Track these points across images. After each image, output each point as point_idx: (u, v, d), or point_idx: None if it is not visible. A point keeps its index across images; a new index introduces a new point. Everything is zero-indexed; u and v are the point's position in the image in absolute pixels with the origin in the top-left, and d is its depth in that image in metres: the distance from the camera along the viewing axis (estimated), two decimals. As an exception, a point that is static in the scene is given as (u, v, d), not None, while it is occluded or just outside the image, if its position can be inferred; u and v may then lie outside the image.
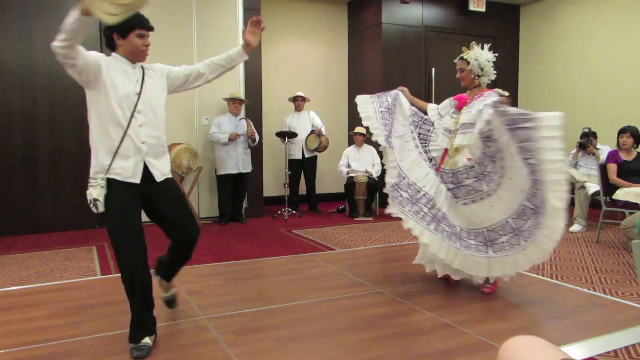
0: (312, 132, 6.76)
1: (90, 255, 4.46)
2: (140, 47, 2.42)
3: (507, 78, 7.83)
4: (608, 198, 4.95)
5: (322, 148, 6.81)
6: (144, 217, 2.45)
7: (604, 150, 5.55)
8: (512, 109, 3.03)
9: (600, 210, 4.99)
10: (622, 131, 5.12)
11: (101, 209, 2.32)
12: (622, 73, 6.64)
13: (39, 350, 2.47)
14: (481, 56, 3.35)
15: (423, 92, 7.39)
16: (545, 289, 3.47)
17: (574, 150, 5.79)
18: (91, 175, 2.37)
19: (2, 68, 5.33)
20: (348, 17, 7.97)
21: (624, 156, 5.05)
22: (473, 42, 3.46)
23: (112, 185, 2.35)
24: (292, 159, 6.85)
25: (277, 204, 7.01)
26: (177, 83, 2.62)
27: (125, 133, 2.36)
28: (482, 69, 3.35)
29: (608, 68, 6.81)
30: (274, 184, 7.51)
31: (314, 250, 4.62)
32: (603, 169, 5.06)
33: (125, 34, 2.38)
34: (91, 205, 2.33)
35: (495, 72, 3.43)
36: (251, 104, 6.46)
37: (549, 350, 0.88)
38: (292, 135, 6.44)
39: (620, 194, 4.71)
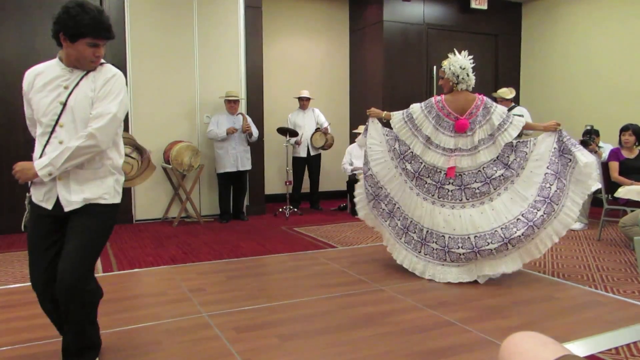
0: (318, 130, 6.76)
1: (92, 253, 4.45)
2: (90, 57, 2.00)
3: (508, 76, 7.81)
4: (610, 196, 4.95)
5: (327, 146, 6.81)
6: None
7: (606, 148, 5.54)
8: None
9: (602, 208, 4.98)
10: (624, 129, 5.12)
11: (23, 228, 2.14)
12: (625, 71, 6.62)
13: (41, 347, 2.48)
14: (455, 63, 3.53)
15: (424, 90, 7.39)
16: (546, 287, 3.47)
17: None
18: None
19: (4, 66, 5.33)
20: (349, 15, 7.96)
21: (626, 154, 5.05)
22: (450, 54, 3.67)
23: (32, 207, 2.10)
24: (297, 156, 6.85)
25: (279, 202, 7.01)
26: None
27: (42, 150, 2.02)
28: (457, 77, 3.54)
29: (610, 66, 6.79)
30: (276, 181, 7.51)
31: (315, 248, 4.63)
32: (605, 166, 5.06)
33: (74, 39, 1.96)
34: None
35: (474, 77, 3.60)
36: (252, 102, 6.45)
37: (551, 346, 0.88)
38: (293, 133, 6.43)
39: (622, 192, 4.70)
